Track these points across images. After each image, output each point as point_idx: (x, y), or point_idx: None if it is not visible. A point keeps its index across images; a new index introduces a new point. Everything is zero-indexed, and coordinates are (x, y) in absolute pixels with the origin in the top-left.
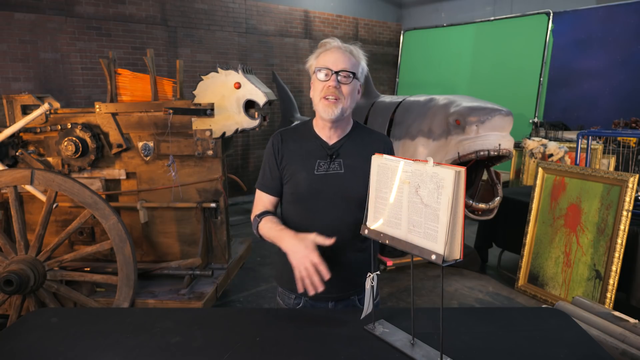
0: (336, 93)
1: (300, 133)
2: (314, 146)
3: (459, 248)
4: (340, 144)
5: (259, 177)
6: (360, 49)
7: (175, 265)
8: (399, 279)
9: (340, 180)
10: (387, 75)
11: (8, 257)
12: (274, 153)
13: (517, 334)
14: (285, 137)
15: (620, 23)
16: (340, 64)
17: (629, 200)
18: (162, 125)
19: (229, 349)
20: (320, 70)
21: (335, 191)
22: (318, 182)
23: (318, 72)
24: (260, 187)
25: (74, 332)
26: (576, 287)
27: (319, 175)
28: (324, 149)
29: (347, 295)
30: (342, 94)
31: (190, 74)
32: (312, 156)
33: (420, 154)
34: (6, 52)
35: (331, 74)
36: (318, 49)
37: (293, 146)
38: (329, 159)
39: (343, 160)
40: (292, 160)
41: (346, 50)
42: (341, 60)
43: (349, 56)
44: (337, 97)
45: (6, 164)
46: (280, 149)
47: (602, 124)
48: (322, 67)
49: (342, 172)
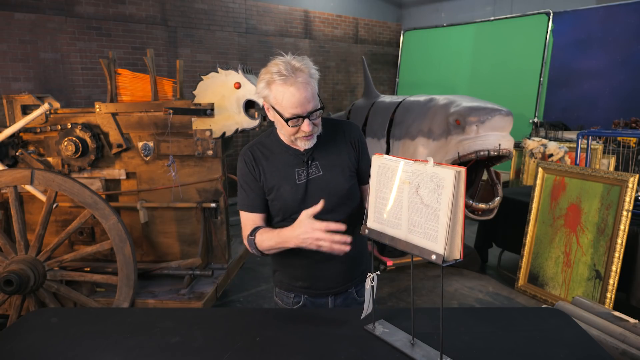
0: (312, 129)
1: (268, 148)
2: (287, 157)
3: (459, 248)
4: (312, 148)
5: (239, 199)
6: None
7: (175, 265)
8: (399, 279)
9: (323, 182)
10: (387, 75)
11: (8, 257)
12: (251, 171)
13: (517, 334)
14: (256, 154)
15: (620, 23)
16: (308, 104)
17: (629, 200)
18: (162, 125)
19: (229, 349)
20: (289, 120)
21: (320, 194)
22: (302, 191)
23: (288, 120)
24: (243, 208)
25: (74, 332)
26: (576, 287)
27: (301, 183)
28: (298, 157)
29: (345, 288)
30: (316, 127)
31: (190, 74)
32: (289, 167)
33: (420, 154)
34: (6, 52)
35: (302, 120)
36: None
37: (267, 162)
38: (306, 165)
39: (319, 162)
40: (271, 176)
41: (302, 79)
42: (306, 100)
43: (308, 84)
44: (313, 133)
45: (6, 164)
46: (255, 166)
47: (602, 124)
48: (290, 115)
49: (321, 174)
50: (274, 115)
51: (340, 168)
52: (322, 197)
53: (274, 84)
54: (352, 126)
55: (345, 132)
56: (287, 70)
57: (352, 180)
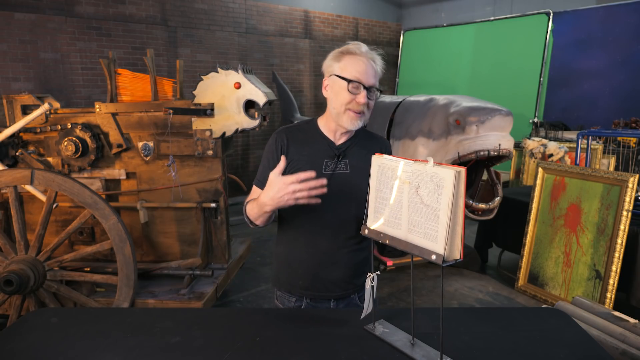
0: (364, 108)
1: (304, 133)
2: (320, 146)
3: (459, 248)
4: (347, 145)
5: (258, 174)
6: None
7: (175, 265)
8: (399, 279)
9: (347, 180)
10: (387, 75)
11: (8, 257)
12: (277, 151)
13: (517, 334)
14: (290, 136)
15: (620, 23)
16: (371, 79)
17: (629, 200)
18: (162, 125)
19: (229, 349)
20: (351, 82)
21: (341, 190)
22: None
23: (348, 83)
24: (256, 182)
25: (74, 332)
26: (576, 287)
27: (326, 174)
28: (331, 149)
29: (347, 293)
30: (367, 108)
31: (190, 74)
32: (319, 156)
33: (420, 154)
34: (6, 52)
35: (362, 88)
36: (341, 52)
37: (299, 145)
38: (337, 159)
39: (349, 161)
40: (299, 160)
41: (373, 60)
42: (371, 74)
43: (375, 68)
44: (362, 112)
45: (6, 164)
46: (285, 147)
47: (602, 124)
48: (354, 79)
49: (348, 172)
50: (332, 86)
51: (367, 174)
52: (343, 195)
53: (346, 56)
54: (386, 143)
55: (381, 147)
56: (361, 49)
57: None
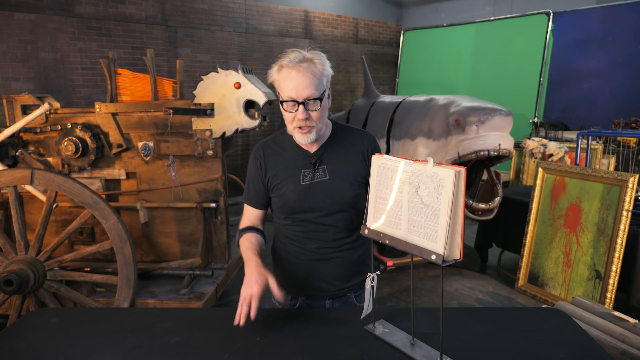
0: (307, 123)
1: (280, 145)
2: (296, 157)
3: (459, 248)
4: (322, 151)
5: (245, 191)
6: (319, 51)
7: (175, 265)
8: (399, 279)
9: (327, 187)
10: (387, 75)
11: (8, 257)
12: (257, 167)
13: (517, 334)
14: (267, 151)
15: (620, 23)
16: (304, 91)
17: (629, 200)
18: (162, 125)
19: (229, 349)
20: (285, 102)
21: (324, 198)
22: (306, 192)
23: (283, 103)
24: (246, 201)
25: (74, 332)
26: (576, 287)
27: (305, 185)
28: (306, 158)
29: (343, 292)
30: (312, 120)
31: (190, 74)
32: (296, 167)
33: (420, 154)
34: (6, 52)
35: (297, 105)
36: (277, 66)
37: (275, 159)
38: (313, 167)
39: (327, 166)
40: (277, 173)
41: (307, 66)
42: (303, 85)
43: (311, 73)
44: (309, 126)
45: (6, 164)
46: (263, 162)
47: (602, 124)
48: (286, 99)
49: (327, 178)
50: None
51: (348, 175)
52: (324, 201)
53: (280, 71)
54: (366, 136)
55: (359, 142)
56: (297, 58)
57: (359, 189)
